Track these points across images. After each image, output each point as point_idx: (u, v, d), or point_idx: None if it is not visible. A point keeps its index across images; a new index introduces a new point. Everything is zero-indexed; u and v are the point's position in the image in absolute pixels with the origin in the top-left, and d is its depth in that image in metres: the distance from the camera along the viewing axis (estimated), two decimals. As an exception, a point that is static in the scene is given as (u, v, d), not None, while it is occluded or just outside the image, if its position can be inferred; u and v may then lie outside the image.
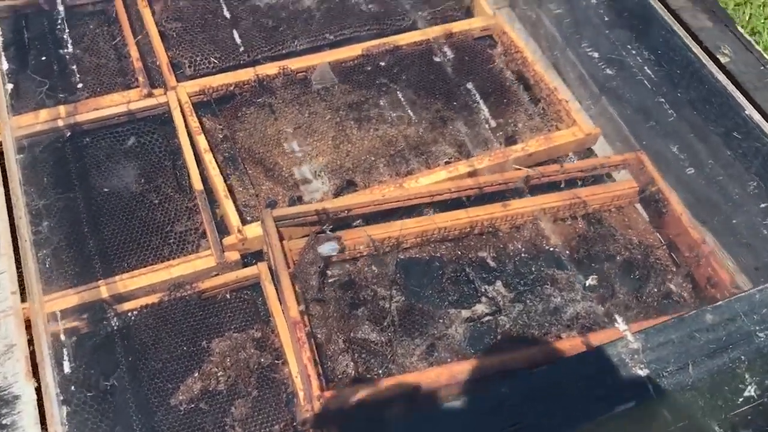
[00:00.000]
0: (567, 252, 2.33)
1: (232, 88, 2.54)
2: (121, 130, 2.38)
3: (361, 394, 1.86)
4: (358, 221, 2.26)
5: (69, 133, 2.35)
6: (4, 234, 1.64)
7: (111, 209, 2.21)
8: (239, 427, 1.89)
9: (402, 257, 2.27)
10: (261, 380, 1.97)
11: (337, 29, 2.77)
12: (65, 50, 2.57)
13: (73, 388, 1.68)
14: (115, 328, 2.00)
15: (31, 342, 1.58)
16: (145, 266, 2.12)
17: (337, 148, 2.45)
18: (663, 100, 2.19)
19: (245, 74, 2.57)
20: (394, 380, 1.90)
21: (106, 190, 2.24)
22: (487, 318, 2.15)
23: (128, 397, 1.81)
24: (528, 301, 2.18)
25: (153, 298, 2.07)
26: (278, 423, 1.91)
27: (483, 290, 2.21)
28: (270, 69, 2.59)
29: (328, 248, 2.00)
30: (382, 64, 2.68)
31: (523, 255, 2.31)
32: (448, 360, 2.00)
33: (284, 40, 2.72)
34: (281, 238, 2.13)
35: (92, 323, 2.00)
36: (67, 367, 1.72)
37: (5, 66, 2.12)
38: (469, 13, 2.98)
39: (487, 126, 2.57)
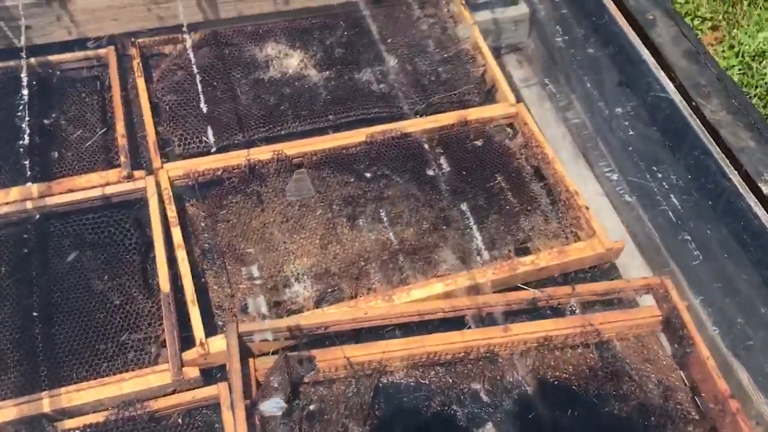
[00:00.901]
0: (573, 388, 2.04)
1: (219, 173, 2.35)
2: (92, 216, 2.20)
3: None
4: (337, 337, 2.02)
5: (37, 216, 2.18)
6: None
7: (68, 308, 2.02)
8: None
9: (384, 382, 2.02)
10: None
11: (342, 110, 2.56)
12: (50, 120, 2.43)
13: None
14: (54, 449, 1.80)
15: None
16: (95, 378, 1.92)
17: (325, 248, 2.22)
18: (689, 237, 1.89)
19: (235, 158, 2.37)
20: None
21: (65, 286, 2.06)
22: (471, 467, 1.88)
23: None
24: (521, 451, 1.90)
25: (98, 417, 1.87)
26: None
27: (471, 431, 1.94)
28: (263, 153, 2.39)
29: (271, 406, 1.75)
30: (387, 152, 2.45)
31: (522, 389, 2.03)
32: None
33: (284, 120, 2.52)
34: (244, 358, 1.90)
35: (28, 442, 1.80)
36: None
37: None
38: (490, 96, 2.73)
39: (497, 229, 2.31)
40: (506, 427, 1.95)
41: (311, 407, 1.93)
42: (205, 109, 2.51)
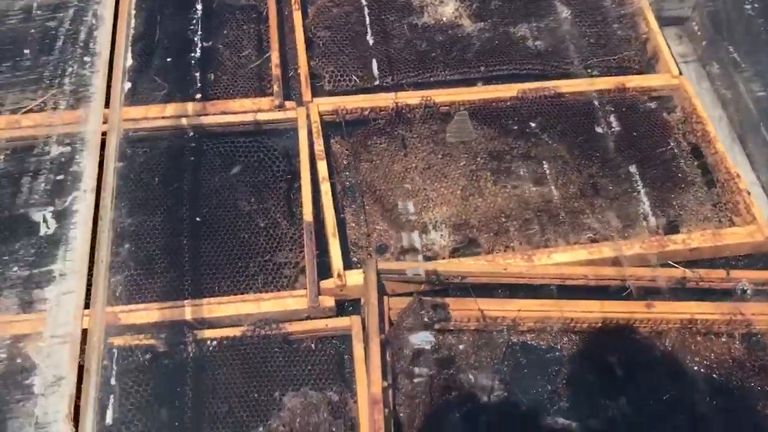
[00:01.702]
0: (714, 376, 1.93)
1: (367, 112, 2.34)
2: (243, 140, 2.24)
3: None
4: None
5: (191, 133, 2.24)
6: (83, 250, 1.52)
7: (215, 224, 2.07)
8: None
9: (514, 340, 1.97)
10: (326, 453, 1.76)
11: (494, 63, 2.49)
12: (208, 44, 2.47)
13: None
14: (192, 355, 1.87)
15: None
16: (235, 294, 1.97)
17: (466, 200, 2.18)
18: None
19: (383, 100, 2.35)
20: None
21: (214, 203, 2.11)
22: (599, 439, 1.81)
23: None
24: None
25: (236, 331, 1.92)
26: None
27: (602, 404, 1.86)
28: (411, 98, 2.36)
29: (421, 339, 1.74)
30: (538, 110, 2.37)
31: (658, 368, 1.94)
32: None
33: (435, 67, 2.47)
34: (380, 296, 1.90)
35: (169, 345, 1.87)
36: (109, 417, 1.58)
37: (129, 62, 2.03)
38: (650, 66, 2.58)
39: (646, 205, 2.20)
40: (639, 404, 1.86)
41: (441, 353, 1.91)
42: (357, 49, 2.51)
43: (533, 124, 2.34)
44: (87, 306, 1.49)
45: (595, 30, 2.61)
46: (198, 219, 2.07)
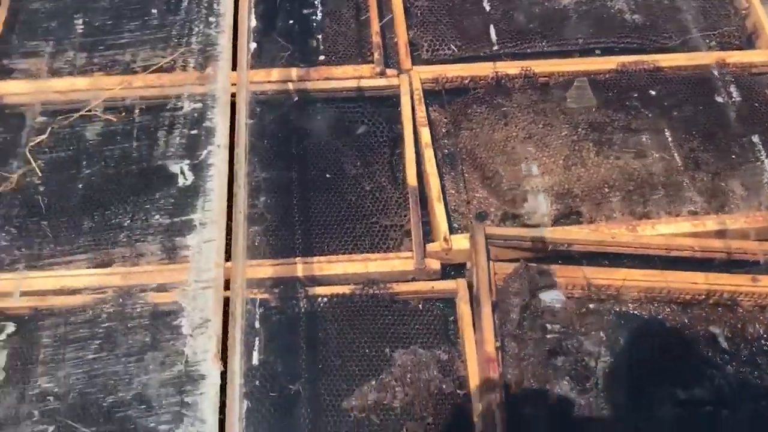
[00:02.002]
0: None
1: (467, 81, 2.36)
2: (347, 106, 2.29)
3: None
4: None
5: (296, 98, 2.29)
6: (220, 201, 1.58)
7: (323, 186, 2.12)
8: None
9: (617, 309, 1.99)
10: (438, 408, 1.81)
11: (593, 36, 2.49)
12: (312, 14, 2.51)
13: (257, 383, 1.60)
14: (304, 310, 1.92)
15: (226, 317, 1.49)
16: (343, 253, 2.02)
17: (569, 169, 2.19)
18: None
19: (483, 69, 2.37)
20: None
21: (321, 165, 2.16)
22: (706, 407, 1.82)
23: (306, 391, 1.71)
24: (762, 401, 1.83)
25: (345, 289, 1.97)
26: (447, 461, 1.74)
27: (708, 373, 1.88)
28: (511, 68, 2.37)
29: (551, 297, 1.77)
30: (637, 84, 2.36)
31: (764, 343, 1.94)
32: (654, 448, 1.72)
33: (532, 38, 2.48)
34: (489, 259, 1.93)
35: (283, 299, 1.93)
36: (255, 358, 1.65)
37: (253, 23, 2.07)
38: (750, 42, 2.55)
39: (750, 179, 2.18)
40: (744, 377, 1.87)
41: (544, 321, 1.93)
42: (454, 19, 2.52)
43: (633, 97, 2.34)
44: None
45: (695, 5, 2.58)
46: (306, 180, 2.12)
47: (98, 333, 1.62)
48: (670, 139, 2.26)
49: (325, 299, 1.95)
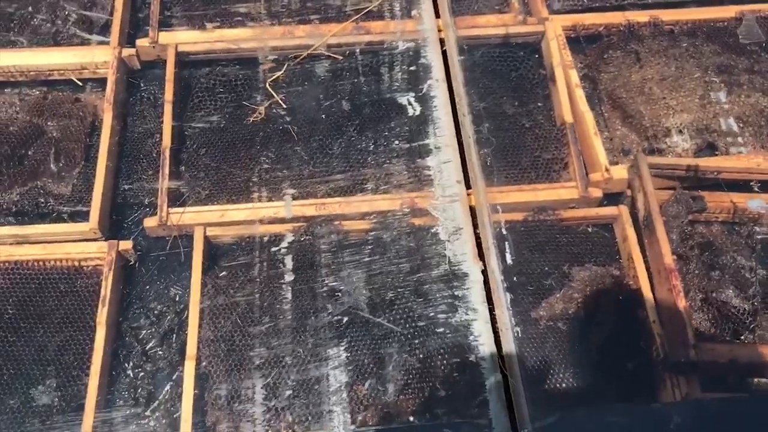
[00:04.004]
0: None
1: (601, 29, 2.55)
2: (499, 51, 2.47)
3: (733, 353, 1.87)
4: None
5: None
6: (449, 128, 1.76)
7: (492, 126, 2.30)
8: (596, 353, 1.97)
9: (758, 230, 2.22)
10: (619, 315, 2.03)
11: (710, -14, 2.68)
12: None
13: (515, 278, 1.81)
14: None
15: (475, 228, 1.70)
16: (513, 184, 2.22)
17: (704, 107, 2.40)
18: None
19: (615, 17, 2.56)
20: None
21: (481, 105, 2.34)
22: None
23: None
24: None
25: (518, 216, 2.17)
26: (633, 359, 1.97)
27: None
28: (640, 16, 2.57)
29: (756, 204, 1.99)
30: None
31: None
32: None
33: (653, -12, 2.67)
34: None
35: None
36: (509, 259, 1.85)
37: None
38: None
39: None
40: None
41: (699, 240, 2.16)
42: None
43: (754, 44, 2.54)
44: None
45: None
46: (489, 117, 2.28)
47: (367, 240, 1.81)
48: (793, 80, 2.48)
49: (508, 225, 2.14)
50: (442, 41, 2.17)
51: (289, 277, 1.79)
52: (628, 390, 1.90)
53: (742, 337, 1.99)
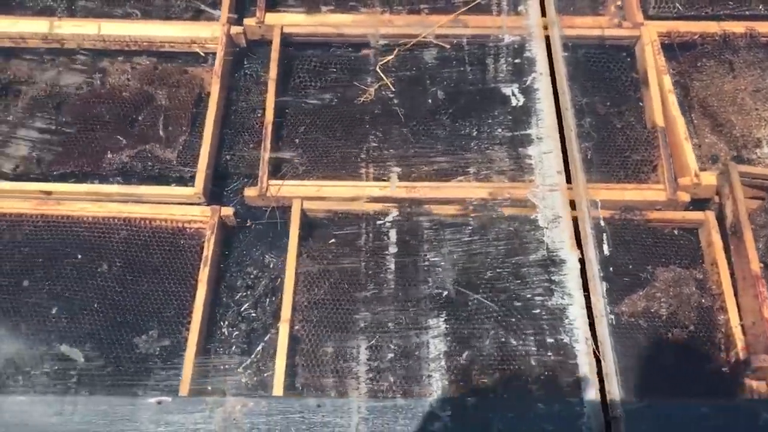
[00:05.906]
0: None
1: (696, 37, 2.58)
2: (592, 52, 2.51)
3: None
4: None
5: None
6: (551, 120, 1.82)
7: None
8: (676, 352, 2.01)
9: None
10: (700, 318, 2.07)
11: (809, 2, 2.68)
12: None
13: (611, 269, 1.87)
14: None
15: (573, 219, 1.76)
16: (602, 182, 2.26)
17: (797, 122, 2.41)
18: None
19: (710, 27, 2.58)
20: None
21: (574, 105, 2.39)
22: None
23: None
24: None
25: (604, 213, 2.22)
26: (710, 363, 2.00)
27: None
28: (736, 27, 2.58)
29: None
30: None
31: None
32: None
33: (750, 1, 2.68)
34: (741, 194, 2.17)
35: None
36: (606, 250, 1.91)
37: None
38: None
39: None
40: None
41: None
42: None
43: None
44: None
45: None
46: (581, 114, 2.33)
47: (468, 221, 1.89)
48: None
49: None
50: (546, 37, 2.22)
51: (392, 249, 1.88)
52: (707, 391, 1.94)
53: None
